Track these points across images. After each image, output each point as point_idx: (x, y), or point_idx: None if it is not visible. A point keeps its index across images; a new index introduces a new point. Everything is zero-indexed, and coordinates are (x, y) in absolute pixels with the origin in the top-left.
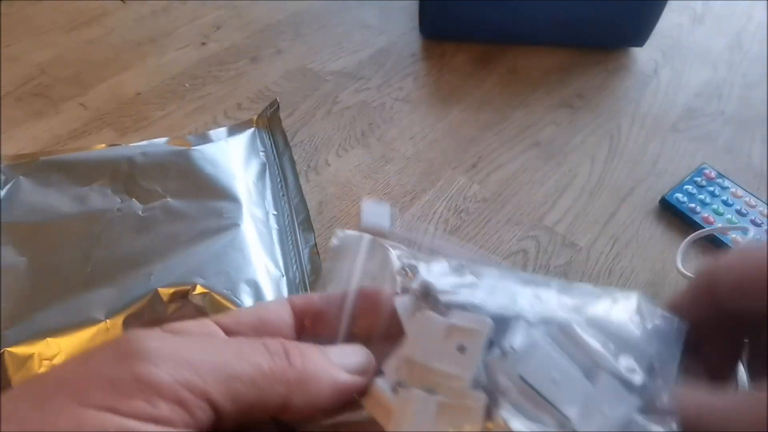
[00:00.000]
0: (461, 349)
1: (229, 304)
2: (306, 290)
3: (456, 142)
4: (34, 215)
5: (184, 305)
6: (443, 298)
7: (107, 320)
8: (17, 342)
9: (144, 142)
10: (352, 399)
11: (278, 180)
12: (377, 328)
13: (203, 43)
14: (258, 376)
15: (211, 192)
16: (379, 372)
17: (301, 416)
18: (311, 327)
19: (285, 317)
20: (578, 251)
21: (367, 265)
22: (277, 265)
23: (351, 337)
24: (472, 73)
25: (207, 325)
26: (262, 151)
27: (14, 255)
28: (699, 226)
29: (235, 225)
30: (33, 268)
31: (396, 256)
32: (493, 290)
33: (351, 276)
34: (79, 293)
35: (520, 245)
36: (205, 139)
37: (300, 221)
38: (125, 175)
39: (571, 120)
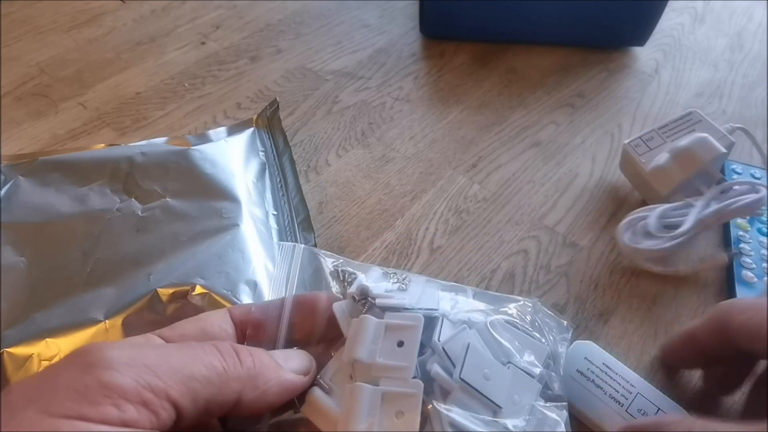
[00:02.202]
0: (400, 344)
1: (228, 305)
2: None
3: (456, 142)
4: (34, 215)
5: (183, 305)
6: (379, 302)
7: (106, 320)
8: (16, 342)
9: (143, 142)
10: (293, 401)
11: (278, 180)
12: (314, 333)
13: (203, 43)
14: (213, 375)
15: (210, 192)
16: (315, 381)
17: (252, 411)
18: (252, 336)
19: (226, 328)
20: (579, 251)
21: (302, 274)
22: None
23: (290, 343)
24: (472, 72)
25: (151, 339)
26: (262, 151)
27: (13, 255)
28: None
29: (234, 225)
30: (32, 269)
31: (331, 263)
32: (421, 295)
33: (288, 284)
34: (78, 293)
35: (520, 245)
36: (205, 138)
37: (300, 221)
38: (125, 175)
39: (572, 120)
